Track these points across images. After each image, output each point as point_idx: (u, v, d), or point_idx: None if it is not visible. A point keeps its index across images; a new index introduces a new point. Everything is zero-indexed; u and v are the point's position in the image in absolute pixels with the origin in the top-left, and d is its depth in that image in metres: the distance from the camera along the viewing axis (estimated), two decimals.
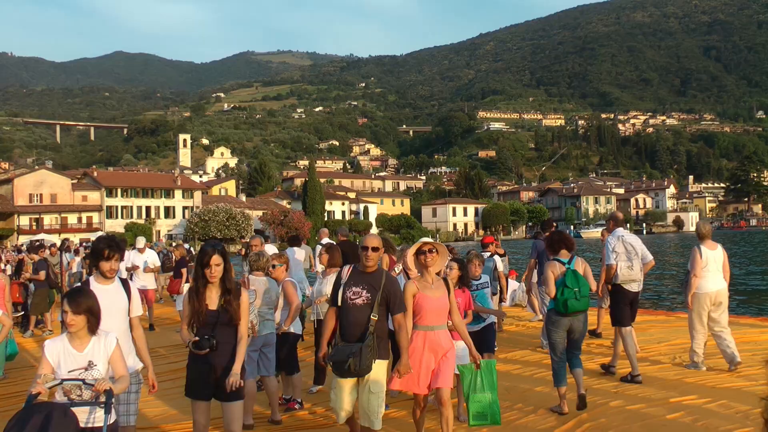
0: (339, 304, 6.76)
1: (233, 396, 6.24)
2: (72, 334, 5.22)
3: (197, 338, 6.10)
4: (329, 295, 10.09)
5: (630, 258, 10.54)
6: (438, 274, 7.26)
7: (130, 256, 18.62)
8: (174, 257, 23.88)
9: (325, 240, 16.55)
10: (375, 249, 6.76)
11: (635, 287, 10.63)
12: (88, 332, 5.24)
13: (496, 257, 14.25)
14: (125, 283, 6.53)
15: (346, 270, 6.87)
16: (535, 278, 14.36)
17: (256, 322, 8.55)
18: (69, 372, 5.12)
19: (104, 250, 6.22)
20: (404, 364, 6.58)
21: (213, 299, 6.20)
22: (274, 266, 9.45)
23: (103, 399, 5.01)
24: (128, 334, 6.31)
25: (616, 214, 11.45)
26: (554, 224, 13.75)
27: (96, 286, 6.19)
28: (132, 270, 18.35)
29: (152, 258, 19.09)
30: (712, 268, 10.61)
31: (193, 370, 6.30)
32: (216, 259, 6.12)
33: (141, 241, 19.40)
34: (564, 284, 8.45)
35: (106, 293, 6.09)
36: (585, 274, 8.69)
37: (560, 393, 8.52)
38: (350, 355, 6.36)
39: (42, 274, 18.38)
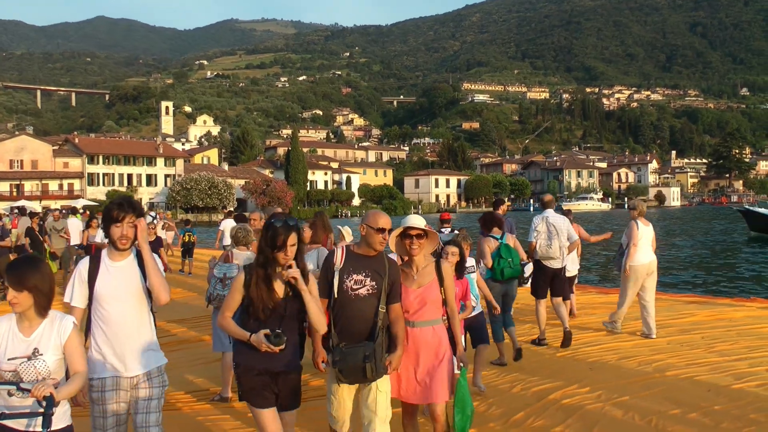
0: (336, 295, 5.55)
1: (293, 403, 5.33)
2: (19, 314, 4.29)
3: (268, 331, 4.92)
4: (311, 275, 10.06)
5: (550, 237, 11.24)
6: (433, 254, 6.21)
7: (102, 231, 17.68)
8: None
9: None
10: (389, 231, 5.65)
11: (555, 264, 11.26)
12: (36, 314, 4.27)
13: (456, 232, 14.26)
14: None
15: (339, 254, 5.64)
16: None
17: None
18: (9, 360, 4.18)
19: (113, 211, 4.98)
20: (398, 356, 5.56)
21: (279, 286, 5.11)
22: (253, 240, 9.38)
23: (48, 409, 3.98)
24: (147, 325, 5.11)
25: (544, 197, 12.28)
26: (506, 202, 14.33)
27: (106, 262, 5.07)
28: (104, 247, 17.07)
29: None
30: (645, 242, 11.53)
31: (251, 372, 5.09)
32: (293, 239, 5.00)
33: None
34: (499, 255, 9.80)
35: (118, 272, 5.01)
36: (515, 247, 10.03)
37: (500, 348, 9.77)
38: (366, 358, 5.35)
39: (7, 241, 18.44)
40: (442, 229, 13.70)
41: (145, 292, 5.05)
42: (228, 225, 18.33)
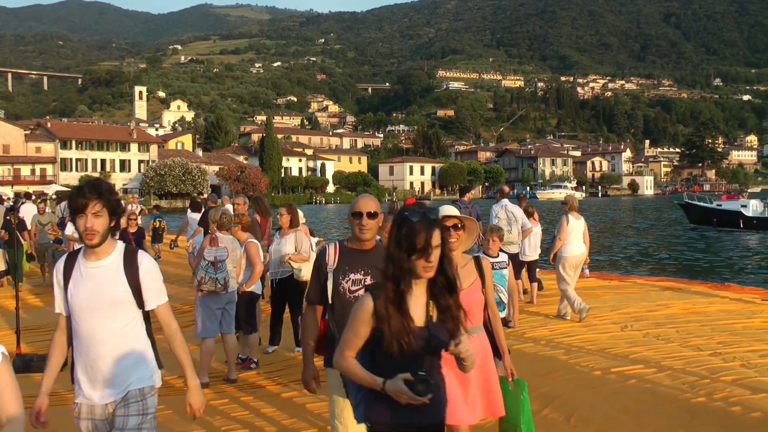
0: (331, 300, 4.71)
1: None
2: None
3: (409, 376, 3.38)
4: (290, 256, 10.12)
5: (510, 224, 12.68)
6: (469, 251, 5.34)
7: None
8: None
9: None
10: (372, 215, 4.67)
11: (514, 249, 12.60)
12: None
13: None
14: (131, 257, 4.15)
15: (332, 250, 4.77)
16: None
17: (228, 279, 8.54)
18: None
19: (74, 198, 3.97)
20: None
21: (419, 307, 3.63)
22: (233, 225, 9.39)
23: None
24: (131, 341, 4.15)
25: (502, 188, 13.75)
26: (472, 191, 14.93)
27: (80, 264, 4.12)
28: (76, 241, 14.88)
29: None
30: (577, 234, 12.08)
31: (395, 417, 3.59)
32: (436, 238, 3.52)
33: None
34: None
35: (92, 276, 4.07)
36: None
37: None
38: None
39: None
40: None
41: (130, 300, 4.09)
42: (194, 216, 18.16)
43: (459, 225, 4.89)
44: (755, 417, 6.81)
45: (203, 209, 17.53)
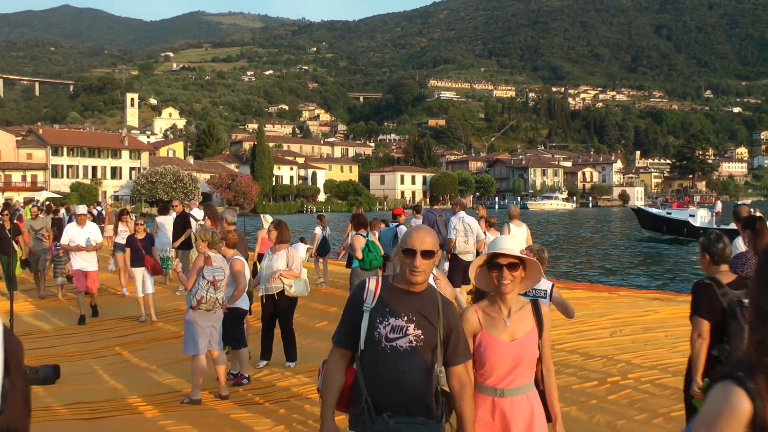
0: (363, 346, 3.92)
1: None
2: None
3: None
4: (281, 272, 10.20)
5: (467, 235, 13.56)
6: (526, 294, 4.87)
7: (68, 231, 14.89)
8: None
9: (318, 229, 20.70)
10: (428, 254, 3.89)
11: (469, 257, 13.31)
12: None
13: (401, 227, 15.31)
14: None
15: (373, 285, 4.02)
16: None
17: (225, 298, 8.64)
18: None
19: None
20: None
21: None
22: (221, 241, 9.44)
23: None
24: None
25: (461, 200, 14.84)
26: (440, 200, 16.64)
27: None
28: (73, 250, 14.58)
29: (95, 233, 14.96)
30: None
31: None
32: None
33: (82, 209, 15.69)
34: (368, 249, 12.37)
35: None
36: (375, 242, 12.74)
37: None
38: None
39: None
40: (391, 224, 15.66)
41: None
42: (161, 221, 18.88)
43: (516, 263, 4.12)
44: None
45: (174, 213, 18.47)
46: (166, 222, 18.61)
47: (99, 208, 34.78)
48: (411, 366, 3.80)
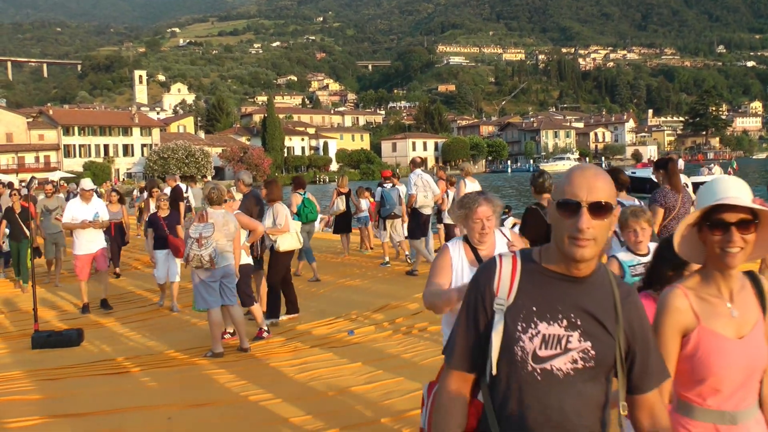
0: (495, 369, 2.47)
1: None
2: None
3: None
4: (268, 231, 10.34)
5: (426, 189, 14.25)
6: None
7: (71, 208, 13.01)
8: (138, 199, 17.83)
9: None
10: (602, 208, 2.36)
11: (427, 211, 14.40)
12: None
13: (400, 187, 16.02)
14: None
15: (506, 267, 2.53)
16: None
17: (215, 254, 8.64)
18: None
19: None
20: None
21: None
22: (225, 200, 9.47)
23: None
24: None
25: (415, 159, 15.69)
26: (418, 161, 16.08)
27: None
28: (77, 228, 12.74)
29: (102, 210, 13.20)
30: None
31: None
32: None
33: (87, 183, 13.63)
34: (304, 205, 14.10)
35: None
36: (311, 198, 14.58)
37: (313, 267, 14.45)
38: None
39: None
40: (385, 185, 15.99)
41: None
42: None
43: (750, 221, 2.65)
44: None
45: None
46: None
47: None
48: (575, 400, 2.42)
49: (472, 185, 13.89)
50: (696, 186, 8.75)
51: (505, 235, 4.78)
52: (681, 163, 56.44)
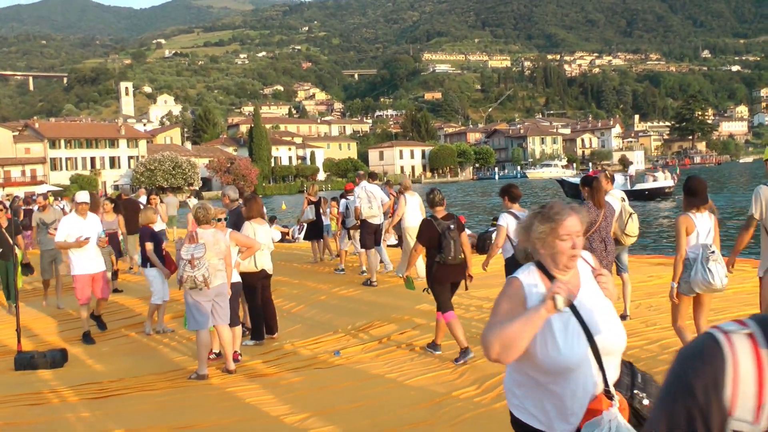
0: None
1: None
2: None
3: None
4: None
5: (370, 200, 14.78)
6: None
7: (65, 225, 11.60)
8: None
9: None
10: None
11: (376, 221, 14.91)
12: None
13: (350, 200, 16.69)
14: None
15: (731, 356, 1.48)
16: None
17: (208, 274, 8.53)
18: None
19: None
20: None
21: None
22: (218, 220, 9.37)
23: None
24: None
25: (360, 173, 16.19)
26: (375, 176, 17.23)
27: None
28: (73, 247, 11.38)
29: (98, 225, 12.01)
30: (413, 208, 14.37)
31: None
32: None
33: (82, 196, 11.88)
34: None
35: None
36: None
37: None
38: None
39: None
40: (349, 197, 16.66)
41: None
42: None
43: None
44: None
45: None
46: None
47: (62, 204, 31.60)
48: None
49: (412, 199, 14.47)
50: (639, 193, 9.66)
51: (586, 260, 3.46)
52: (632, 170, 59.44)
